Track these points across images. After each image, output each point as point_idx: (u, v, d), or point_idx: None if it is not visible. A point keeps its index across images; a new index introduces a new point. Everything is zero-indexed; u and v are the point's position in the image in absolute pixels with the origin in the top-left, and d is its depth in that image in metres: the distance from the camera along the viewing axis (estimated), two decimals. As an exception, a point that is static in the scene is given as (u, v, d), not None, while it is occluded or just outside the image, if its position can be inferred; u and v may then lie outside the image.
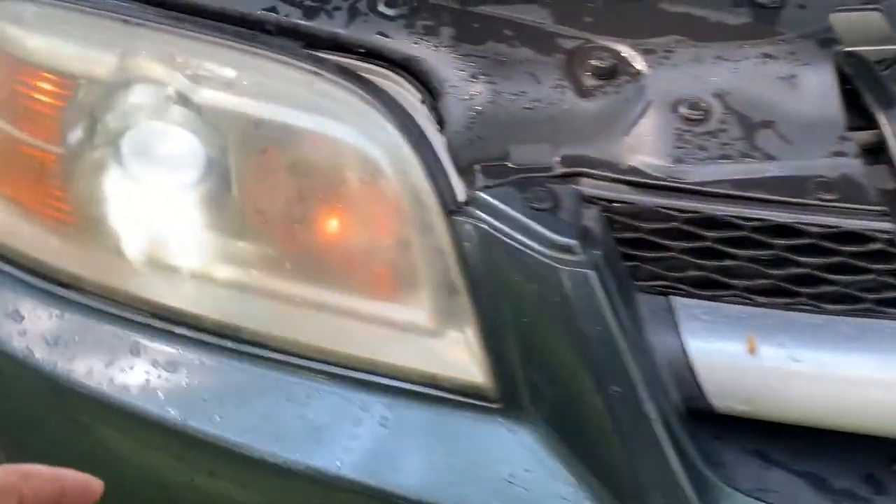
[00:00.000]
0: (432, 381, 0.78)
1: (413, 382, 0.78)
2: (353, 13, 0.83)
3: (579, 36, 0.81)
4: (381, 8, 0.83)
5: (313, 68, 0.77)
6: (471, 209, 0.74)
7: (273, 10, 0.84)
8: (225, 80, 0.78)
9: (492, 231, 0.73)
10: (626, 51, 0.80)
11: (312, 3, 0.84)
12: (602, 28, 0.83)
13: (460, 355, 0.77)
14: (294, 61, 0.78)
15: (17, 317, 0.83)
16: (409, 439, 0.76)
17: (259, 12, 0.84)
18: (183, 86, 0.79)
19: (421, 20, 0.82)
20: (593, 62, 0.78)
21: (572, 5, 0.86)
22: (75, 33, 0.81)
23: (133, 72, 0.80)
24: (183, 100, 0.79)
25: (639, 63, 0.80)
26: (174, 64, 0.79)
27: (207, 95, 0.78)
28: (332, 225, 0.78)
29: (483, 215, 0.73)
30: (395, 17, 0.83)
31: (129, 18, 0.80)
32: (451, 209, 0.74)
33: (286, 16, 0.84)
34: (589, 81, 0.78)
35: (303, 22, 0.83)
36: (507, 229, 0.73)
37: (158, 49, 0.80)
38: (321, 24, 0.83)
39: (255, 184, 0.79)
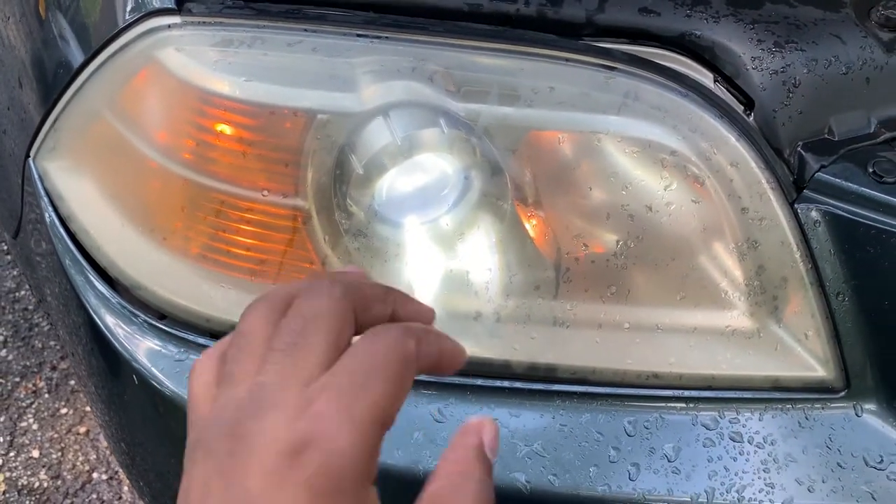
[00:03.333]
0: (775, 385, 0.72)
1: (755, 389, 0.72)
2: (602, -9, 0.73)
3: (848, -15, 0.75)
4: (631, -21, 0.73)
5: (604, 62, 0.67)
6: (812, 194, 0.68)
7: (508, -2, 0.72)
8: (503, 91, 0.66)
9: (843, 214, 0.67)
10: (904, -5, 0.74)
11: (548, -14, 0.73)
12: (860, -28, 0.77)
13: (798, 352, 0.72)
14: (579, 57, 0.67)
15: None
16: (772, 450, 0.71)
17: (492, 3, 0.72)
18: (450, 106, 0.66)
19: (679, -11, 0.73)
20: (884, 12, 0.72)
21: (812, -49, 0.79)
22: (303, 59, 0.66)
23: (387, 97, 0.66)
24: (453, 122, 0.67)
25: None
26: (433, 80, 0.67)
27: (485, 112, 0.66)
28: (656, 237, 0.69)
29: (827, 199, 0.68)
30: (652, -11, 0.73)
31: (363, 33, 0.67)
32: (793, 197, 0.68)
33: (526, 4, 0.72)
34: (885, 35, 0.72)
35: (549, 8, 0.72)
36: (857, 210, 0.67)
37: (409, 65, 0.67)
38: (571, 9, 0.72)
39: (559, 204, 0.68)
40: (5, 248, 1.87)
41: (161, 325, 0.73)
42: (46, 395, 1.72)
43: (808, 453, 0.72)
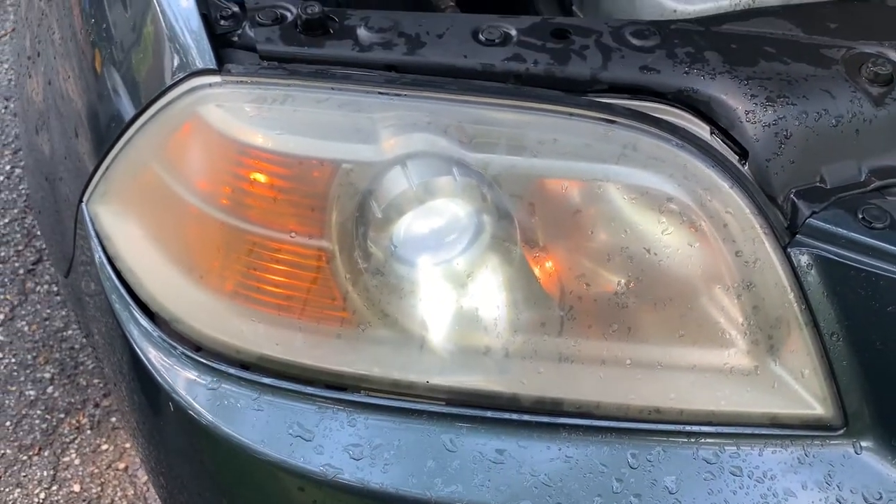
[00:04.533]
0: (774, 421, 0.75)
1: (754, 425, 0.75)
2: (605, 50, 0.79)
3: (840, 44, 0.80)
4: (633, 40, 0.79)
5: (605, 116, 0.73)
6: (805, 238, 0.72)
7: (517, 58, 0.79)
8: (511, 142, 0.72)
9: (833, 258, 0.71)
10: (893, 55, 0.79)
11: (555, 46, 0.80)
12: (852, 33, 0.82)
13: (796, 390, 0.75)
14: (582, 111, 0.73)
15: (305, 433, 0.75)
16: (772, 485, 0.74)
17: (503, 63, 0.78)
18: (463, 156, 0.72)
19: (679, 48, 0.79)
20: (873, 69, 0.77)
21: (807, 13, 0.84)
22: (330, 114, 0.73)
23: (405, 148, 0.73)
24: (465, 171, 0.72)
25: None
26: (448, 133, 0.73)
27: (495, 162, 0.72)
28: (655, 278, 0.73)
29: (819, 243, 0.72)
30: (652, 48, 0.79)
31: (384, 91, 0.73)
32: (785, 242, 0.72)
33: (535, 63, 0.78)
34: (874, 90, 0.77)
35: (556, 67, 0.78)
36: (848, 254, 0.71)
37: (426, 119, 0.73)
38: (577, 68, 0.78)
39: (563, 246, 0.73)
40: (55, 289, 1.97)
41: (196, 357, 0.79)
42: (89, 432, 1.79)
43: (807, 489, 0.74)
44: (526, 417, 0.75)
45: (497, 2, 1.16)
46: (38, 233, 2.10)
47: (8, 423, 1.73)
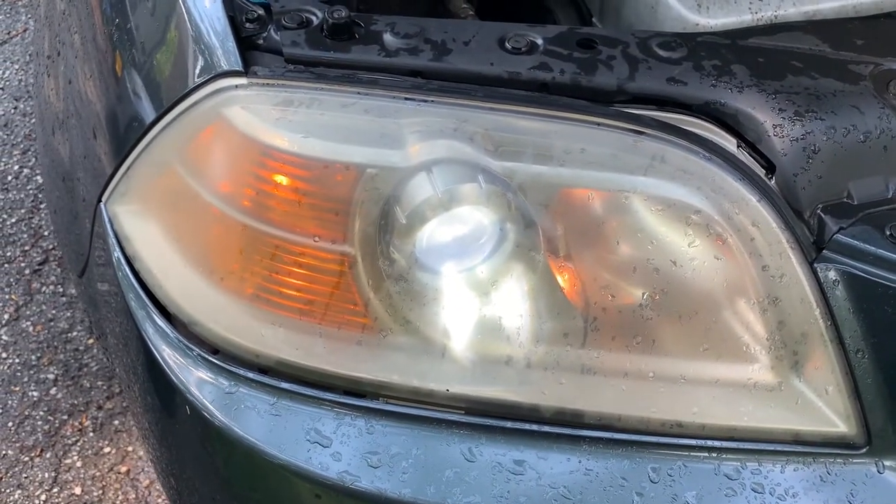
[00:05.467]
0: (796, 438, 0.74)
1: (777, 442, 0.75)
2: (632, 61, 0.79)
3: (868, 60, 0.80)
4: (660, 52, 0.79)
5: (633, 126, 0.73)
6: (831, 254, 0.71)
7: (544, 67, 0.78)
8: (538, 151, 0.72)
9: (860, 274, 0.71)
10: (921, 71, 0.79)
11: (582, 56, 0.79)
12: (879, 49, 0.82)
13: (819, 407, 0.74)
14: (609, 121, 0.73)
15: (323, 439, 0.74)
16: (792, 502, 0.73)
17: (530, 71, 0.78)
18: (488, 163, 0.72)
19: (706, 60, 0.79)
20: (902, 86, 0.77)
21: (833, 29, 0.84)
22: (355, 119, 0.73)
23: (430, 154, 0.72)
24: (491, 178, 0.72)
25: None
26: (474, 140, 0.73)
27: (521, 170, 0.72)
28: (680, 290, 0.73)
29: (846, 259, 0.71)
30: (679, 60, 0.79)
31: (411, 96, 0.73)
32: (812, 257, 0.71)
33: (561, 72, 0.78)
34: (902, 106, 0.77)
35: (583, 77, 0.78)
36: (875, 270, 0.70)
37: (452, 126, 0.73)
38: (604, 78, 0.78)
39: (588, 257, 0.73)
40: (61, 289, 1.97)
41: (214, 359, 0.78)
42: (91, 434, 1.78)
43: (839, 510, 0.73)
44: (546, 429, 0.74)
45: (516, 11, 1.16)
46: (45, 233, 2.09)
47: (10, 424, 1.72)
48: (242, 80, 0.75)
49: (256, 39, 0.80)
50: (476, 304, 0.74)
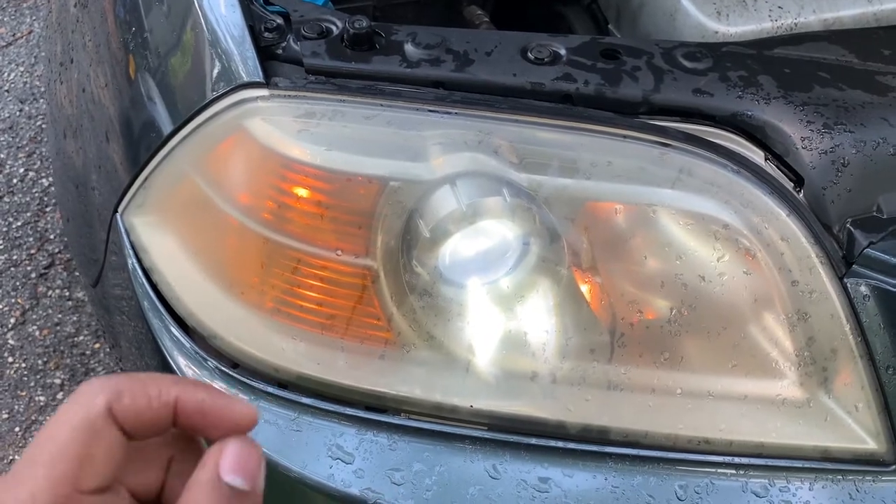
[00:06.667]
0: (825, 455, 0.73)
1: (805, 459, 0.74)
2: (657, 72, 0.78)
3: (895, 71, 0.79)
4: (685, 62, 0.78)
5: (660, 139, 0.72)
6: (861, 269, 0.70)
7: (567, 77, 0.77)
8: (563, 163, 0.71)
9: (891, 288, 0.70)
10: (950, 82, 0.78)
11: (606, 66, 0.78)
12: (906, 60, 0.81)
13: (848, 423, 0.73)
14: (636, 133, 0.72)
15: (345, 456, 0.73)
16: (822, 521, 0.72)
17: (553, 82, 0.77)
18: (513, 176, 0.71)
19: (731, 71, 0.78)
20: (931, 98, 0.76)
21: (859, 39, 0.83)
22: (378, 131, 0.72)
23: (454, 167, 0.71)
24: (515, 191, 0.71)
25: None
26: (498, 153, 0.71)
27: (546, 183, 0.71)
28: (709, 306, 0.72)
29: (876, 274, 0.70)
30: (705, 71, 0.77)
31: (434, 108, 0.72)
32: (842, 272, 0.70)
33: (585, 83, 0.77)
34: (932, 119, 0.76)
35: (608, 88, 0.77)
36: (907, 285, 0.70)
37: (476, 138, 0.72)
38: (629, 89, 0.76)
39: (615, 271, 0.72)
40: (67, 293, 1.96)
41: (232, 373, 0.77)
42: (99, 440, 1.77)
43: (863, 528, 0.73)
44: (571, 445, 0.73)
45: (532, 20, 1.15)
46: (51, 236, 2.08)
47: (17, 429, 1.71)
48: (264, 92, 0.74)
49: (275, 49, 0.79)
50: (501, 319, 0.73)
